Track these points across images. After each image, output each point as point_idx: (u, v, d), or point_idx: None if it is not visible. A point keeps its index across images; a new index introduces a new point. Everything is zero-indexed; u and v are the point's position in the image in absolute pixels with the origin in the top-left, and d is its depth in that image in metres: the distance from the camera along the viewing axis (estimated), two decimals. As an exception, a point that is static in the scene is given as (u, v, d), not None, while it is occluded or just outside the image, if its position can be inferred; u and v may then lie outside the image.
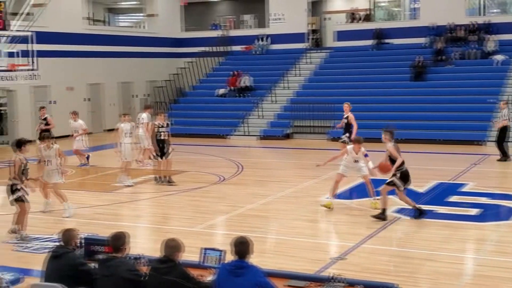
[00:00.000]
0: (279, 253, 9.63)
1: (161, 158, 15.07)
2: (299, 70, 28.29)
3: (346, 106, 17.32)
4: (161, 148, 15.05)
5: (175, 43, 32.69)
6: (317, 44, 32.09)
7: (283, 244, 10.15)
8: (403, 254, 9.69)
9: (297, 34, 30.12)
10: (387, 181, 11.50)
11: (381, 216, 11.32)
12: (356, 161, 12.31)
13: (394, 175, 11.33)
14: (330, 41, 31.31)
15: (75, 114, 18.62)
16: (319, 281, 6.10)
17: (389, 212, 11.85)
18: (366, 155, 12.66)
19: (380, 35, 28.78)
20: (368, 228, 10.82)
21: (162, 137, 15.01)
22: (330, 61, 28.88)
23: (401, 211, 11.98)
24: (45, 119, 19.11)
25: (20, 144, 10.65)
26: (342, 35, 29.80)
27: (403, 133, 22.82)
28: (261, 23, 33.08)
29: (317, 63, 28.88)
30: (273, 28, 30.86)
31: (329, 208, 12.09)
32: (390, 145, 11.38)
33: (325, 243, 10.49)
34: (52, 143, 12.08)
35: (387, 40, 28.90)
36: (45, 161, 11.99)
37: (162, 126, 15.03)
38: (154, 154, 15.21)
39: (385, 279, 7.89)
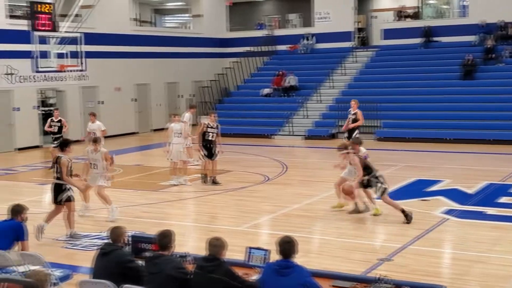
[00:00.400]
0: (324, 253, 9.56)
1: (209, 158, 15.08)
2: (345, 69, 28.06)
3: (354, 103, 17.87)
4: (209, 149, 15.06)
5: (220, 43, 32.85)
6: (363, 43, 31.78)
7: (328, 245, 10.08)
8: (451, 255, 9.51)
9: (343, 32, 29.88)
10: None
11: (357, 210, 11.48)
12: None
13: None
14: (377, 40, 30.97)
15: (93, 115, 18.07)
16: (365, 282, 6.03)
17: (438, 213, 11.65)
18: (365, 157, 12.27)
19: (428, 33, 28.30)
20: (415, 229, 10.65)
21: (210, 138, 15.02)
22: (376, 60, 28.57)
23: (449, 212, 11.75)
24: (59, 121, 18.23)
25: (65, 145, 10.82)
26: (389, 33, 29.43)
27: (452, 132, 22.45)
28: (306, 22, 32.95)
29: (364, 62, 28.60)
30: (319, 27, 30.69)
31: (379, 214, 11.74)
32: (356, 158, 11.51)
33: (370, 244, 10.35)
34: (99, 147, 12.01)
35: (435, 38, 28.41)
36: (91, 163, 12.02)
37: (212, 127, 15.05)
38: (202, 154, 15.20)
39: (433, 281, 7.75)
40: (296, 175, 16.45)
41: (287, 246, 5.58)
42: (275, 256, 5.92)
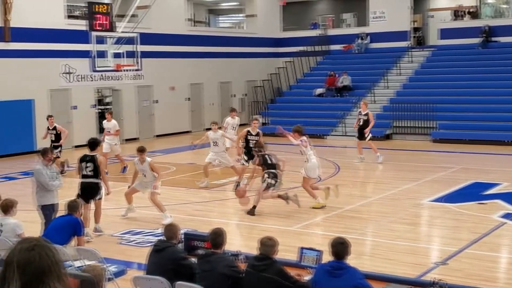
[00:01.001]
0: (377, 255, 9.44)
1: (248, 163, 14.85)
2: (400, 69, 27.66)
3: (363, 104, 18.50)
4: (250, 155, 14.86)
5: (274, 43, 32.86)
6: (419, 43, 31.25)
7: (381, 247, 9.94)
8: (509, 260, 9.24)
9: (398, 32, 29.45)
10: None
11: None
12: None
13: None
14: (433, 39, 30.40)
15: (110, 114, 17.53)
16: (420, 286, 5.92)
17: (495, 217, 11.36)
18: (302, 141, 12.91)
19: (487, 32, 27.62)
20: (472, 233, 10.41)
21: (250, 145, 14.82)
22: (433, 60, 28.04)
23: (507, 216, 11.43)
24: (54, 128, 16.76)
25: (95, 144, 10.96)
26: (446, 33, 28.84)
27: (511, 134, 21.83)
28: (361, 22, 32.63)
29: (420, 62, 28.12)
30: (373, 27, 30.34)
31: (319, 207, 12.27)
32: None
33: (425, 247, 10.17)
34: (145, 156, 11.66)
35: (494, 38, 27.70)
36: (143, 174, 11.79)
37: (252, 135, 14.92)
38: (243, 158, 14.93)
39: (490, 286, 7.56)
40: (349, 176, 16.29)
41: (340, 248, 5.53)
42: (327, 257, 5.87)
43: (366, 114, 18.43)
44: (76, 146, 21.89)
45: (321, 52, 31.22)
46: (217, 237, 6.21)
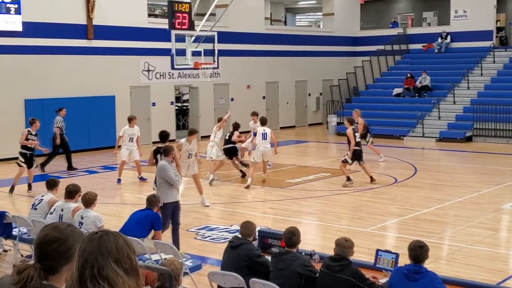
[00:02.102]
0: (455, 260, 9.18)
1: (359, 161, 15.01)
2: (482, 70, 26.80)
3: (355, 113, 18.64)
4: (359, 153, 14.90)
5: (352, 41, 32.52)
6: (502, 43, 30.16)
7: (459, 252, 9.66)
8: None
9: (481, 31, 28.52)
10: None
11: None
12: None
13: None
14: (518, 39, 29.31)
15: (133, 119, 16.02)
16: (501, 294, 5.71)
17: None
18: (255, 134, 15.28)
19: None
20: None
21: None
22: (517, 61, 27.03)
23: None
24: (36, 135, 14.65)
25: (166, 137, 12.33)
26: (531, 33, 27.74)
27: None
28: (442, 20, 31.80)
29: (503, 62, 27.13)
30: (455, 26, 29.51)
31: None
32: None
33: (506, 254, 9.82)
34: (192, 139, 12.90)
35: None
36: (189, 154, 12.84)
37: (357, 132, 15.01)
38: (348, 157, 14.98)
39: None
40: (427, 178, 15.91)
41: (420, 251, 5.41)
42: (403, 260, 5.76)
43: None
44: (154, 142, 22.35)
45: (400, 51, 30.65)
46: (292, 236, 6.21)
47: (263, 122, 15.76)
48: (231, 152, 15.95)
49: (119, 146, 15.97)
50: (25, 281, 2.50)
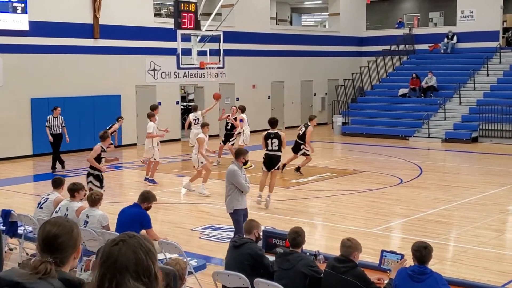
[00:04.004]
0: (460, 261, 9.15)
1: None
2: (488, 70, 26.72)
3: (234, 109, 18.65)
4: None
5: (357, 41, 32.47)
6: (509, 43, 30.05)
7: (465, 253, 9.63)
8: None
9: (488, 32, 28.44)
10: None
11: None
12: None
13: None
14: (525, 40, 29.20)
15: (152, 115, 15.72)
16: (506, 295, 5.69)
17: None
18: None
19: None
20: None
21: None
22: (523, 61, 26.94)
23: None
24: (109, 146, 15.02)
25: (275, 123, 13.52)
26: (538, 33, 27.64)
27: None
28: (448, 21, 31.73)
29: (509, 63, 27.03)
30: (461, 26, 29.43)
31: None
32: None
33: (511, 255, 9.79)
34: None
35: None
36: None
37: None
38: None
39: None
40: (433, 179, 15.88)
41: (424, 252, 5.39)
42: (408, 261, 5.74)
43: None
44: (160, 142, 22.38)
45: (406, 51, 30.60)
46: (296, 236, 6.20)
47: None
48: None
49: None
50: (43, 273, 2.68)
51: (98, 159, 11.46)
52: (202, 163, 13.84)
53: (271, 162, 12.84)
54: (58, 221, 2.85)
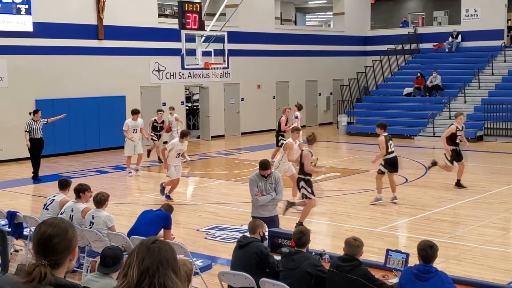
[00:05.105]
0: (466, 260, 9.14)
1: (452, 163, 14.32)
2: (493, 69, 26.66)
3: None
4: (458, 152, 14.54)
5: (362, 41, 32.44)
6: (514, 42, 29.99)
7: (470, 252, 9.62)
8: None
9: (492, 30, 28.37)
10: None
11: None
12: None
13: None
14: (530, 38, 29.12)
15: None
16: (512, 294, 5.69)
17: None
18: None
19: None
20: None
21: (457, 141, 14.31)
22: (528, 59, 26.86)
23: None
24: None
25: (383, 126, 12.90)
26: (543, 31, 27.55)
27: None
28: (453, 20, 31.68)
29: (515, 61, 27.00)
30: (466, 25, 29.36)
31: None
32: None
33: (518, 254, 9.77)
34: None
35: None
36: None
37: (459, 130, 14.31)
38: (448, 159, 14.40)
39: None
40: (438, 178, 15.83)
41: (430, 251, 5.39)
42: (413, 260, 5.75)
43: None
44: (165, 142, 22.41)
45: (410, 50, 30.55)
46: (301, 236, 6.21)
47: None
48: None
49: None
50: (37, 279, 2.62)
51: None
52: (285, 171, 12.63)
53: (395, 163, 12.96)
54: (54, 222, 2.82)
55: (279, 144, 17.38)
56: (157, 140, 18.26)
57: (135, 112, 16.79)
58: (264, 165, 8.78)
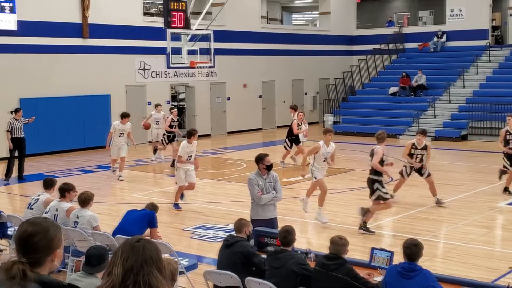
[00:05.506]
0: (450, 258, 9.21)
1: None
2: (478, 69, 26.86)
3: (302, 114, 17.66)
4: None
5: (348, 40, 32.53)
6: (498, 41, 30.23)
7: (454, 250, 9.68)
8: None
9: (477, 30, 28.58)
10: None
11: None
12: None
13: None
14: (513, 38, 29.37)
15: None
16: (495, 291, 5.73)
17: None
18: None
19: None
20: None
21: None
22: (513, 59, 27.09)
23: None
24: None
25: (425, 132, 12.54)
26: (527, 32, 27.79)
27: None
28: (437, 19, 31.87)
29: (498, 61, 27.20)
30: (451, 25, 29.55)
31: None
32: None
33: (501, 252, 9.84)
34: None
35: None
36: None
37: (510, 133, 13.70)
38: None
39: None
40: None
41: (414, 249, 5.43)
42: (398, 258, 5.77)
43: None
44: (150, 142, 22.36)
45: (396, 50, 30.70)
46: (287, 235, 6.22)
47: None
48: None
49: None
50: (19, 276, 2.62)
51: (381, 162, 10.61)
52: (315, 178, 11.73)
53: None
54: (36, 221, 2.83)
55: (289, 146, 17.23)
56: (170, 141, 17.89)
57: (124, 116, 15.90)
58: (261, 157, 8.59)
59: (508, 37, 30.48)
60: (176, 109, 18.48)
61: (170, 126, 17.78)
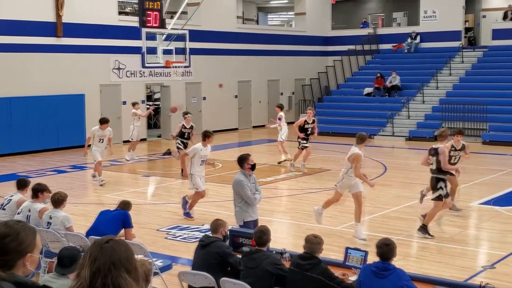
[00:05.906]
0: (423, 257, 9.31)
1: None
2: (451, 70, 27.17)
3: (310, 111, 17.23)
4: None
5: (323, 41, 32.67)
6: (470, 43, 30.61)
7: (428, 249, 9.78)
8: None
9: (450, 32, 28.91)
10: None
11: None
12: None
13: None
14: (485, 40, 29.73)
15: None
16: (467, 290, 5.80)
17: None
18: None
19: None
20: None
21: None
22: (485, 61, 27.44)
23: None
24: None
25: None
26: (499, 34, 28.17)
27: None
28: (412, 21, 32.18)
29: (471, 62, 27.56)
30: (424, 26, 29.86)
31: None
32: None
33: (473, 251, 9.97)
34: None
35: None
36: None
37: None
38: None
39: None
40: (397, 177, 16.09)
41: (386, 249, 5.47)
42: (372, 258, 5.82)
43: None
44: (125, 142, 22.22)
45: (370, 51, 30.92)
46: (262, 235, 6.23)
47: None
48: None
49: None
50: None
51: None
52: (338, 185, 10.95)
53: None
54: (9, 223, 2.82)
55: (300, 147, 16.90)
56: (183, 149, 15.63)
57: (103, 122, 15.02)
58: (245, 157, 8.62)
59: (480, 39, 30.89)
60: (190, 115, 16.56)
61: (182, 133, 16.23)
